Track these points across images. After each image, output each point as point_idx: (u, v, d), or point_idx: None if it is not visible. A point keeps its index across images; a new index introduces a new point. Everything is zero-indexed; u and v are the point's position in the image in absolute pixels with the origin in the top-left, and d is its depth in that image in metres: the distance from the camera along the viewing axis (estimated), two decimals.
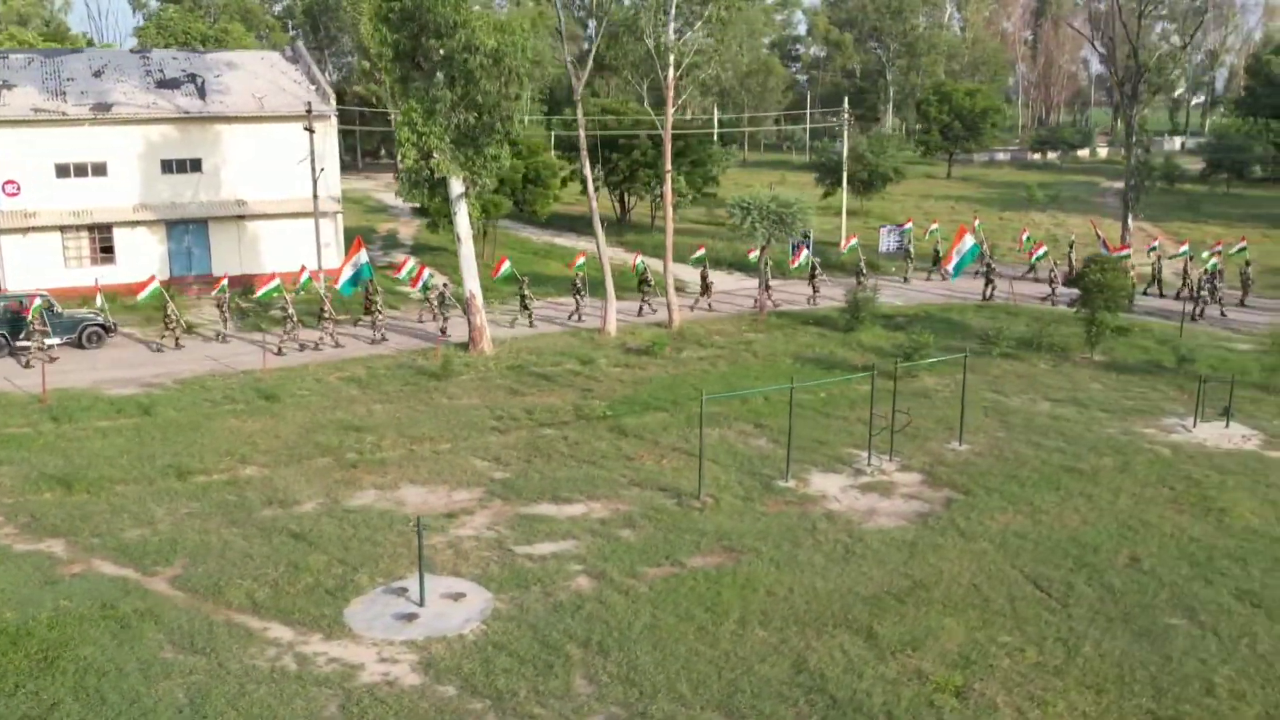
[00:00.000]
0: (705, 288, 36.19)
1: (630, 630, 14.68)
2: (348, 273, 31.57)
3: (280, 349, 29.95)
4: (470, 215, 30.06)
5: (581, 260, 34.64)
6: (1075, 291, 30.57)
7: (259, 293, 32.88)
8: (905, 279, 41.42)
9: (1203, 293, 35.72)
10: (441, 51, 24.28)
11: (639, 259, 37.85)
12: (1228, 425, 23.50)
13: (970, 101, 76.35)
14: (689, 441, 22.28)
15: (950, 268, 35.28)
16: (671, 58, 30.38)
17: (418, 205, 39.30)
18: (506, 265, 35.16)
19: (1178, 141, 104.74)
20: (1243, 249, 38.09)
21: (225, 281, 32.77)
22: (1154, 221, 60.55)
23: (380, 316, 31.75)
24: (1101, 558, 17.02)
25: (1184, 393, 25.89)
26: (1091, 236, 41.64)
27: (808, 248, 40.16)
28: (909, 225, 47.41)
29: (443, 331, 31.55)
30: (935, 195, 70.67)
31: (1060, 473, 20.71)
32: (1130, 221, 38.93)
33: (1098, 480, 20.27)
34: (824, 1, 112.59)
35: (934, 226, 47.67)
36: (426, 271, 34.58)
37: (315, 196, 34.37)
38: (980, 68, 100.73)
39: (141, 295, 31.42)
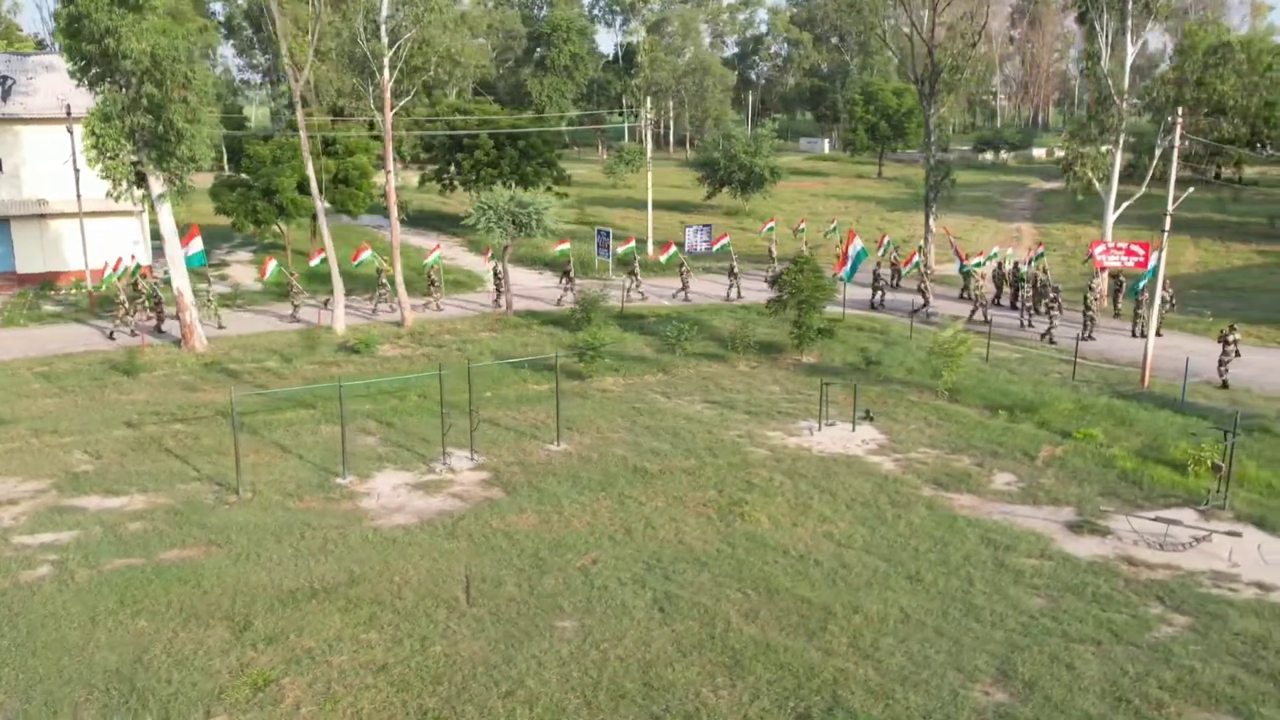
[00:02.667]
0: (498, 287, 36.48)
1: (18, 620, 15.00)
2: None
3: (113, 334, 31.74)
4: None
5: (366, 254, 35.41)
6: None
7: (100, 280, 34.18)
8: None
9: (980, 294, 35.08)
10: (103, 57, 24.95)
11: (436, 251, 38.53)
12: (854, 429, 23.21)
13: (897, 101, 75.34)
14: (299, 437, 22.71)
15: (843, 272, 34.83)
16: (386, 60, 30.60)
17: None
18: (367, 253, 36.35)
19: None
20: (1040, 254, 37.35)
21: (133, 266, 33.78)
22: (1039, 223, 59.67)
23: (130, 314, 32.49)
24: (565, 560, 17.00)
25: (850, 395, 25.64)
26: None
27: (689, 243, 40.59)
28: (803, 225, 46.97)
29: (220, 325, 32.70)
30: (843, 195, 70.18)
31: (630, 474, 20.63)
32: (931, 223, 38.27)
33: (652, 484, 20.13)
34: (788, 0, 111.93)
35: (832, 225, 47.43)
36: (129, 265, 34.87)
37: (79, 196, 35.26)
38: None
39: None
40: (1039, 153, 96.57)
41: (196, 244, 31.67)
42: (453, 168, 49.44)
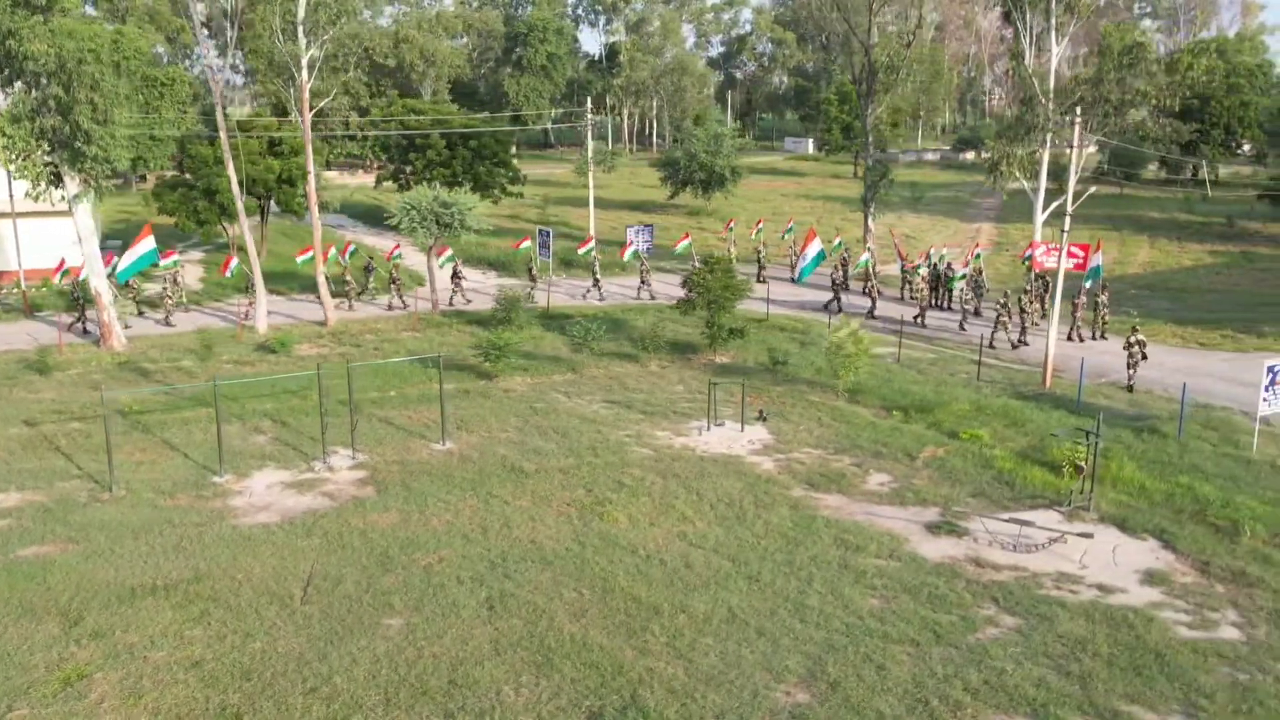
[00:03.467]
0: (457, 286, 37.14)
1: None
2: (128, 259, 32.08)
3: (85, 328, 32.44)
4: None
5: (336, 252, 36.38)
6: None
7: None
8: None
9: (921, 296, 35.12)
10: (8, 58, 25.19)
11: (397, 250, 38.83)
12: (743, 429, 23.26)
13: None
14: (190, 435, 22.88)
15: (797, 272, 34.83)
16: (304, 61, 30.72)
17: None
18: (332, 251, 37.31)
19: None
20: (978, 255, 37.39)
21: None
22: (1002, 223, 59.62)
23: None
24: (412, 559, 17.08)
25: (757, 396, 25.70)
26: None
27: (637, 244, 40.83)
28: (761, 226, 46.98)
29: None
30: (814, 195, 70.19)
31: (505, 474, 20.72)
32: (870, 224, 38.25)
33: (524, 483, 20.19)
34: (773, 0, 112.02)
35: (790, 225, 47.41)
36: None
37: (10, 196, 35.54)
38: (915, 66, 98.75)
39: None
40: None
41: (149, 243, 31.91)
42: (408, 168, 49.62)
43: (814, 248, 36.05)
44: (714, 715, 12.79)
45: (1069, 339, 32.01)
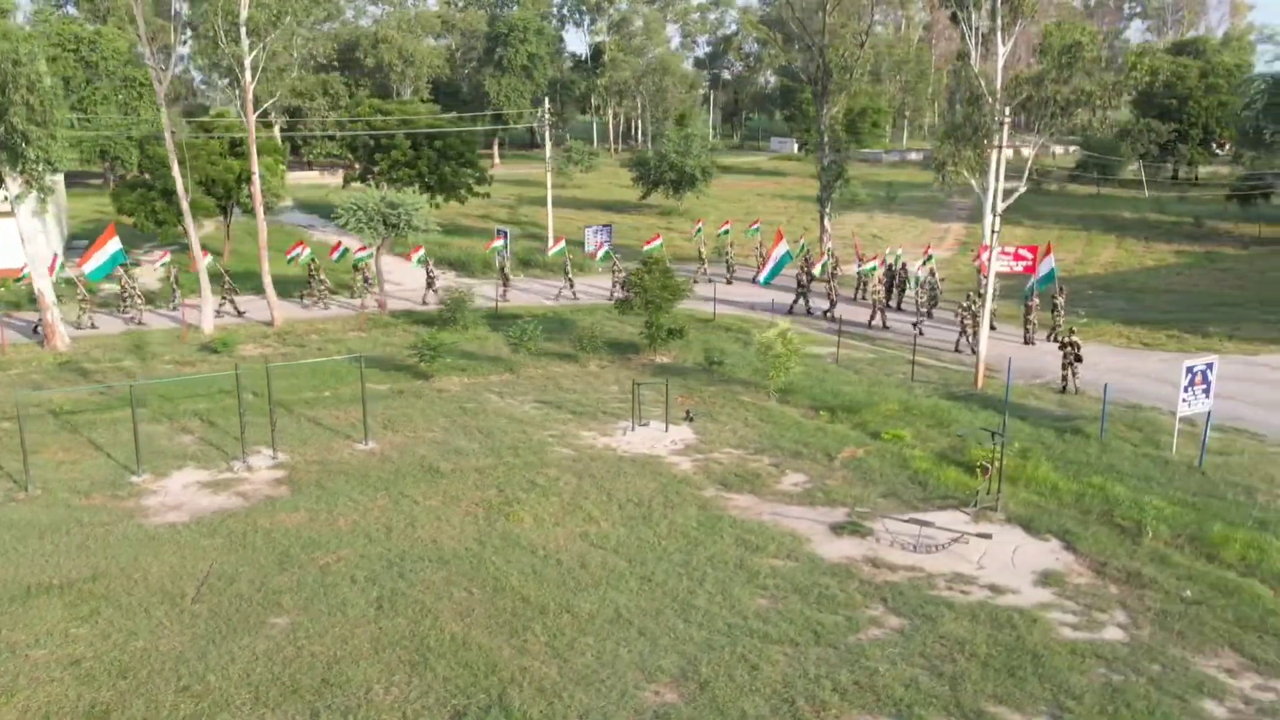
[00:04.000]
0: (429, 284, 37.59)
1: None
2: (97, 259, 32.05)
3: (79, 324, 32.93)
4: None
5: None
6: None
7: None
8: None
9: (876, 298, 35.15)
10: None
11: (364, 250, 38.98)
12: (668, 429, 23.32)
13: (849, 101, 75.36)
14: (117, 435, 22.94)
15: (762, 276, 34.79)
16: (247, 62, 30.77)
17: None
18: (299, 250, 37.70)
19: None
20: (929, 258, 37.42)
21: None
22: (972, 223, 59.58)
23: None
24: (311, 558, 17.13)
25: (688, 396, 25.78)
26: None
27: (607, 244, 40.97)
28: (727, 227, 46.98)
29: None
30: (790, 195, 70.14)
31: (421, 474, 20.78)
32: (826, 223, 38.29)
33: (438, 483, 20.24)
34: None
35: (755, 225, 47.31)
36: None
37: None
38: (903, 67, 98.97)
39: None
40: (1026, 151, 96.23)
41: (115, 243, 32.01)
42: (375, 169, 49.70)
43: (781, 249, 36.03)
44: (579, 715, 12.87)
45: (1025, 343, 31.89)
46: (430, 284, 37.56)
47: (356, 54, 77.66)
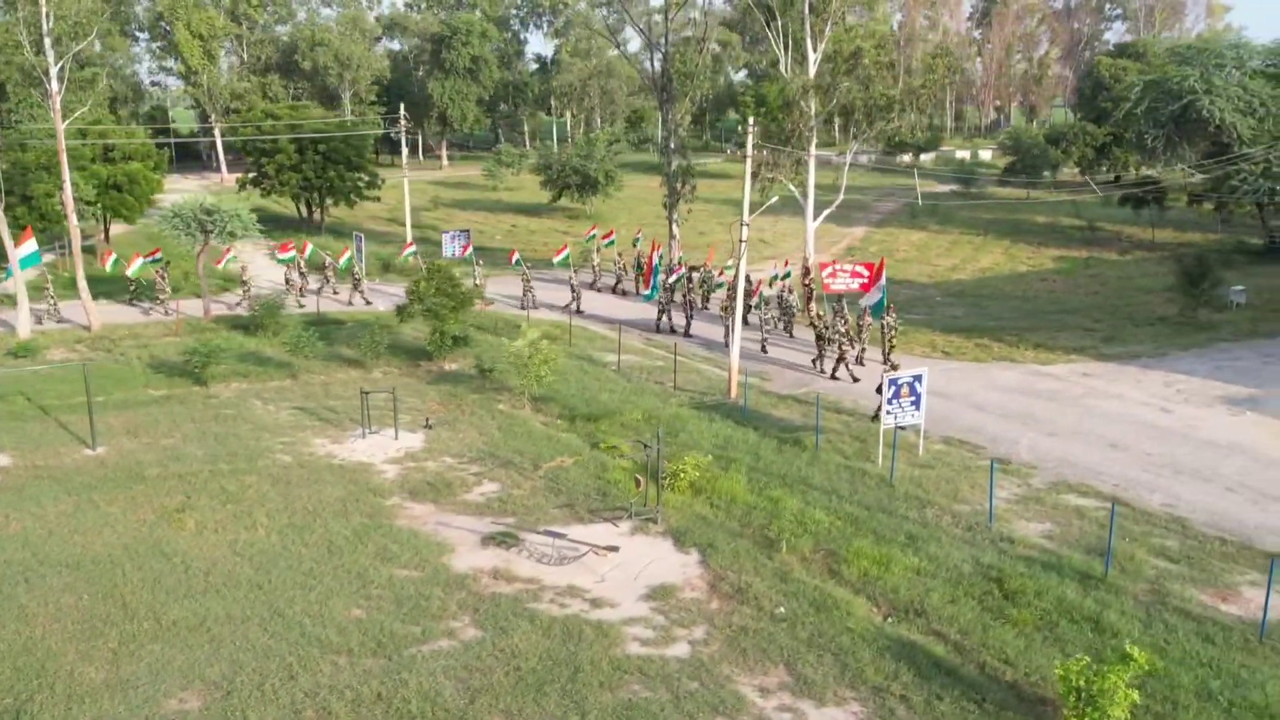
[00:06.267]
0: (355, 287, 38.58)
1: None
2: (11, 261, 32.97)
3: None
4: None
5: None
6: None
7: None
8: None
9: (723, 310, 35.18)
10: None
11: (227, 254, 39.70)
12: (396, 437, 23.76)
13: None
14: None
15: (646, 290, 34.84)
16: (54, 72, 31.39)
17: None
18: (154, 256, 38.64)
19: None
20: (787, 273, 37.50)
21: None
22: (877, 228, 59.55)
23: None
24: None
25: (442, 404, 26.26)
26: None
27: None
28: (640, 234, 46.71)
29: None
30: (717, 199, 70.02)
31: (125, 479, 21.32)
32: (675, 230, 38.51)
33: (134, 489, 20.75)
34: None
35: (638, 234, 47.29)
36: None
37: None
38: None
39: None
40: (963, 154, 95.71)
41: (30, 245, 32.95)
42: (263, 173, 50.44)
43: (656, 259, 36.00)
44: None
45: (859, 362, 31.50)
46: (357, 287, 38.37)
47: (295, 57, 78.58)
